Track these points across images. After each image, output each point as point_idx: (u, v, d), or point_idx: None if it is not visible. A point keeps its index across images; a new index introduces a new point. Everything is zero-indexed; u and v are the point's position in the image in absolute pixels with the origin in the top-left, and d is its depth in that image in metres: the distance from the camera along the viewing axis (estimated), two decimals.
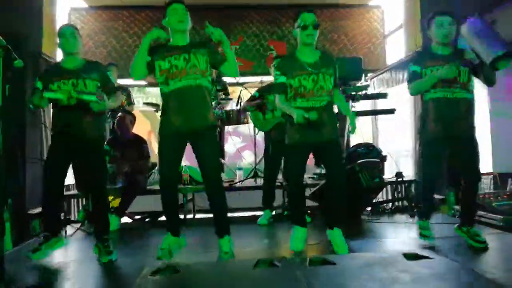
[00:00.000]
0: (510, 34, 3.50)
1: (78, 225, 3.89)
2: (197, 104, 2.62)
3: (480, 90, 3.96)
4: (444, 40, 2.80)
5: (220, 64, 2.71)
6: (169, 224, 2.77)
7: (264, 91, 4.02)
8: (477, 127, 2.88)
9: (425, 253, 2.23)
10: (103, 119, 3.06)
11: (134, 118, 4.39)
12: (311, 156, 3.18)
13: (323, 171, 4.34)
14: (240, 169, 4.88)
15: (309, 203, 3.88)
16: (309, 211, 4.01)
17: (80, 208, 4.46)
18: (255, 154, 4.75)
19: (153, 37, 2.61)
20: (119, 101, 2.92)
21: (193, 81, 2.60)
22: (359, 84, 4.78)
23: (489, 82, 2.79)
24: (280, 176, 4.15)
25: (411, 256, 2.14)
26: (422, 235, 2.95)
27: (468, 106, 2.82)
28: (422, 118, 2.93)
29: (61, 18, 5.74)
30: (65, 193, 4.30)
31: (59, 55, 4.56)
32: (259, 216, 4.02)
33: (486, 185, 4.36)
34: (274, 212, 4.08)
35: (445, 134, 2.81)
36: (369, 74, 6.42)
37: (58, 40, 2.85)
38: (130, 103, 5.19)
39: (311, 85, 2.72)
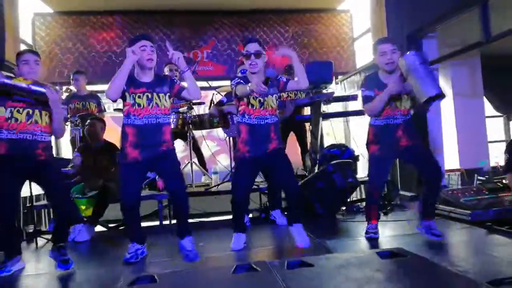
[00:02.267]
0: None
1: (49, 236, 3.75)
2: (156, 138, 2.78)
3: (446, 89, 4.12)
4: (386, 67, 2.93)
5: (180, 93, 2.87)
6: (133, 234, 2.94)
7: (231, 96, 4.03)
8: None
9: (398, 251, 2.30)
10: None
11: (104, 124, 4.30)
12: None
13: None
14: (215, 173, 4.86)
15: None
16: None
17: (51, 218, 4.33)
18: (231, 158, 4.74)
19: (134, 62, 2.66)
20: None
21: (154, 120, 2.76)
22: (329, 87, 4.84)
23: (421, 113, 3.05)
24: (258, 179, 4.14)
25: (385, 255, 2.20)
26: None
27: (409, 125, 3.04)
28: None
29: (25, 23, 5.57)
30: (35, 203, 4.18)
31: None
32: None
33: (454, 181, 4.54)
34: (251, 215, 4.08)
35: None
36: (339, 77, 6.54)
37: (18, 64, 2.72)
38: (101, 110, 5.11)
39: (258, 104, 2.93)
